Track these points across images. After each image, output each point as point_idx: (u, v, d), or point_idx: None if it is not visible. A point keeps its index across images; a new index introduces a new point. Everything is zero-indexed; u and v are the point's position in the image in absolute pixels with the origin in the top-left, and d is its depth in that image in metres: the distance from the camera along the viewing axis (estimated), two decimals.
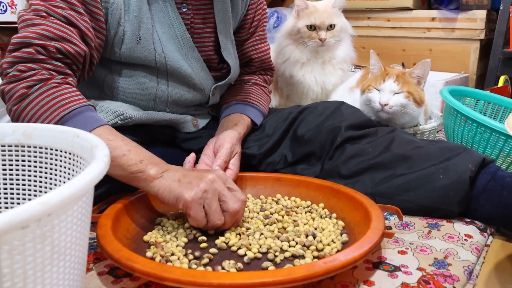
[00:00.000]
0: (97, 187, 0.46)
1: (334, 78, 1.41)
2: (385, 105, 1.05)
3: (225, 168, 0.88)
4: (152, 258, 0.68)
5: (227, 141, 0.90)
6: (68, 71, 0.80)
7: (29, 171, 0.62)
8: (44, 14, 0.78)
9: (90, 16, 0.82)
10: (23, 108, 0.75)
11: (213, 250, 0.70)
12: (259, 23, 1.11)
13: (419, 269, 0.68)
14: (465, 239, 0.77)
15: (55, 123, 0.73)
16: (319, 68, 1.39)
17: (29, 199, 0.63)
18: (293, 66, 1.37)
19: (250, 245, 0.71)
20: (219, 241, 0.73)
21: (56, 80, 0.77)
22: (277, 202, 0.89)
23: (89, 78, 0.91)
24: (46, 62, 0.77)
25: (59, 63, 0.78)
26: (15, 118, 0.77)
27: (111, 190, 0.81)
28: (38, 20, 0.78)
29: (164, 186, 0.72)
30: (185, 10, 0.94)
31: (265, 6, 1.13)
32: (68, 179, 0.59)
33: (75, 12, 0.80)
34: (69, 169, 0.58)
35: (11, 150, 0.60)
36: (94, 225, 0.71)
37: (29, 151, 0.61)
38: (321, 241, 0.73)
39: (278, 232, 0.77)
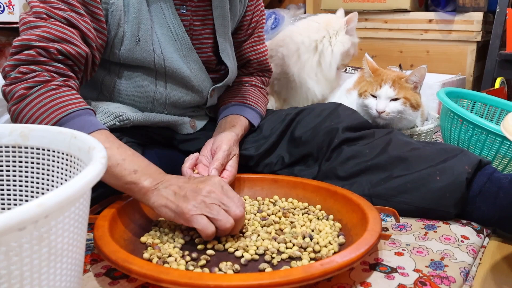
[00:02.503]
0: (95, 188, 0.46)
1: (336, 82, 1.43)
2: (382, 112, 1.05)
3: (222, 170, 0.88)
4: (149, 260, 0.68)
5: (224, 142, 0.89)
6: (69, 73, 0.80)
7: (26, 172, 0.61)
8: (45, 16, 0.78)
9: (91, 17, 0.82)
10: (22, 108, 0.75)
11: (210, 251, 0.70)
12: (257, 24, 1.11)
13: (416, 270, 0.68)
14: (461, 241, 0.78)
15: (52, 125, 0.73)
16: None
17: (26, 201, 0.63)
18: (307, 74, 1.38)
19: (247, 246, 0.71)
20: (216, 242, 0.73)
21: (56, 82, 0.77)
22: (274, 204, 0.89)
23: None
24: (47, 64, 0.77)
25: (60, 65, 0.78)
26: (14, 118, 0.77)
27: (109, 191, 0.81)
28: (39, 22, 0.78)
29: (159, 200, 0.70)
30: (184, 11, 0.93)
31: (263, 8, 1.13)
32: (66, 180, 0.59)
33: (75, 13, 0.80)
34: (66, 170, 0.58)
35: (8, 151, 0.60)
36: (91, 226, 0.71)
37: (26, 152, 0.60)
38: (318, 243, 0.73)
39: (275, 233, 0.77)
